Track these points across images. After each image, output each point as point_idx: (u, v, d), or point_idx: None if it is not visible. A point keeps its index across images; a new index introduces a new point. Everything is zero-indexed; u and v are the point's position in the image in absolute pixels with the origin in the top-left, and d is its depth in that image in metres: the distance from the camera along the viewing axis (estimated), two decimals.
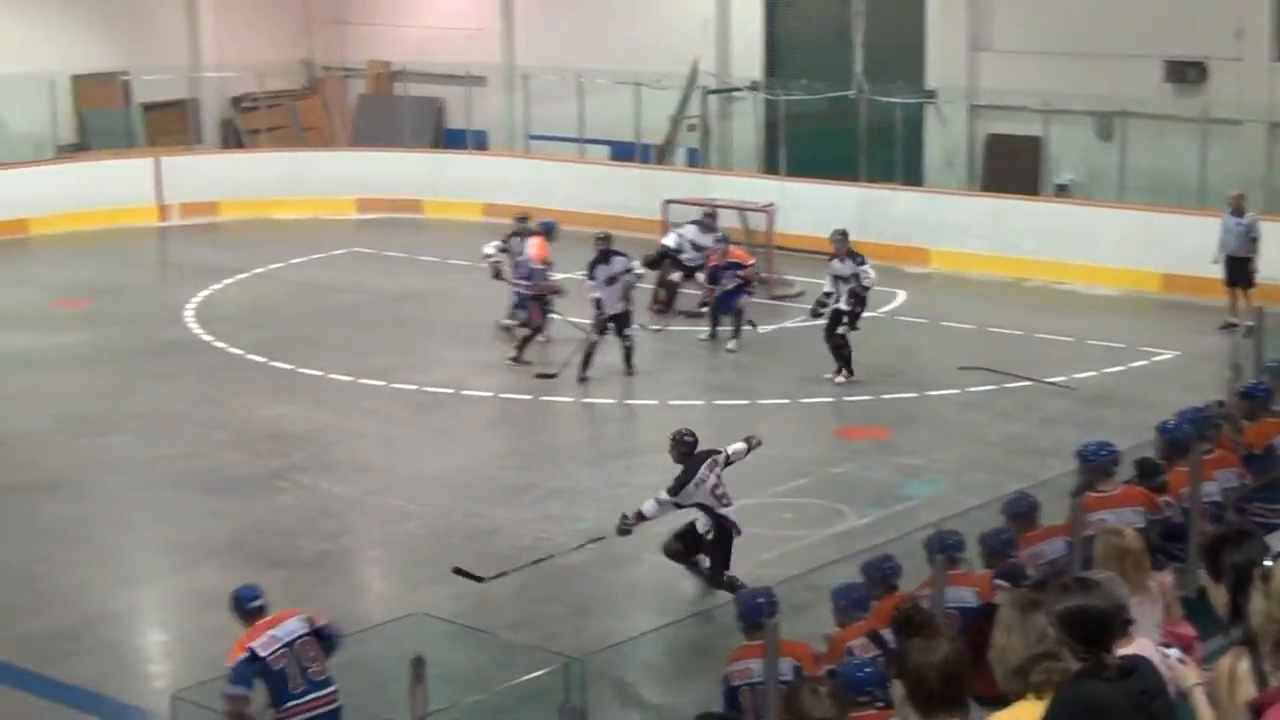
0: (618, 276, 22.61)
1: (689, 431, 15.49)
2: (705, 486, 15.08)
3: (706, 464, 15.18)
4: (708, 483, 15.10)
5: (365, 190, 34.97)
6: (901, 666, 5.95)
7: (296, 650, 11.49)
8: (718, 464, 15.23)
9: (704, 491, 15.09)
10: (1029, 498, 12.77)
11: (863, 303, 22.24)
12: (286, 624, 11.63)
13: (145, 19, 37.01)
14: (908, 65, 31.56)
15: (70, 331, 25.35)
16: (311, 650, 11.54)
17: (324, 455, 19.52)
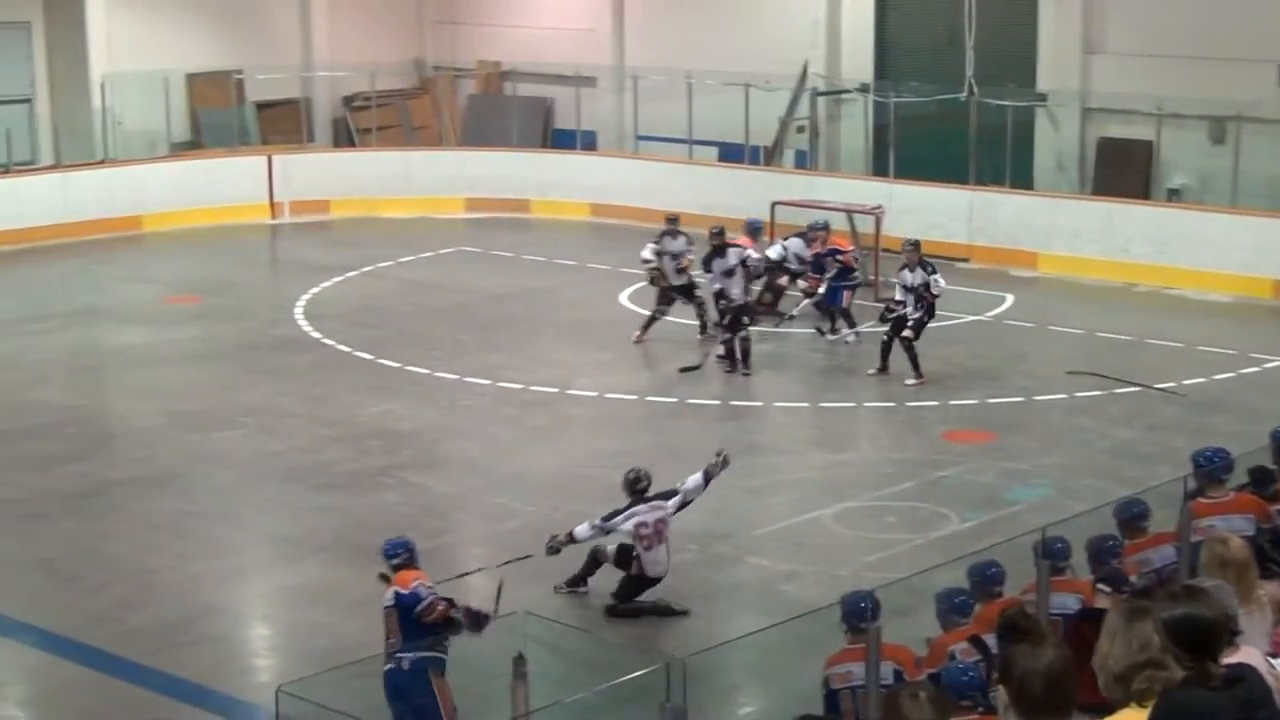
0: (734, 269, 22.79)
1: (640, 476, 15.29)
2: (632, 521, 14.96)
3: (649, 505, 15.08)
4: (636, 518, 14.97)
5: (474, 190, 35.10)
6: (1006, 672, 5.90)
7: (385, 616, 12.40)
8: (663, 509, 15.11)
9: (629, 526, 14.97)
10: (1140, 503, 12.65)
11: (931, 311, 22.19)
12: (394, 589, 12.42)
13: (259, 18, 37.36)
14: (1019, 68, 31.37)
15: (182, 327, 25.61)
16: (392, 621, 12.34)
17: (429, 453, 19.62)
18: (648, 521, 15.02)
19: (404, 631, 12.44)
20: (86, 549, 16.73)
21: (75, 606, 15.34)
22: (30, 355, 23.96)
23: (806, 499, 17.93)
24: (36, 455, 19.64)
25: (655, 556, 15.05)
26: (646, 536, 15.01)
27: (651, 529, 15.02)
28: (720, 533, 16.87)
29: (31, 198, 31.85)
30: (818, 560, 16.17)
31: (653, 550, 15.03)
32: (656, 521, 15.05)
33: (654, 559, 15.05)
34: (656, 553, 15.05)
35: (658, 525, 15.05)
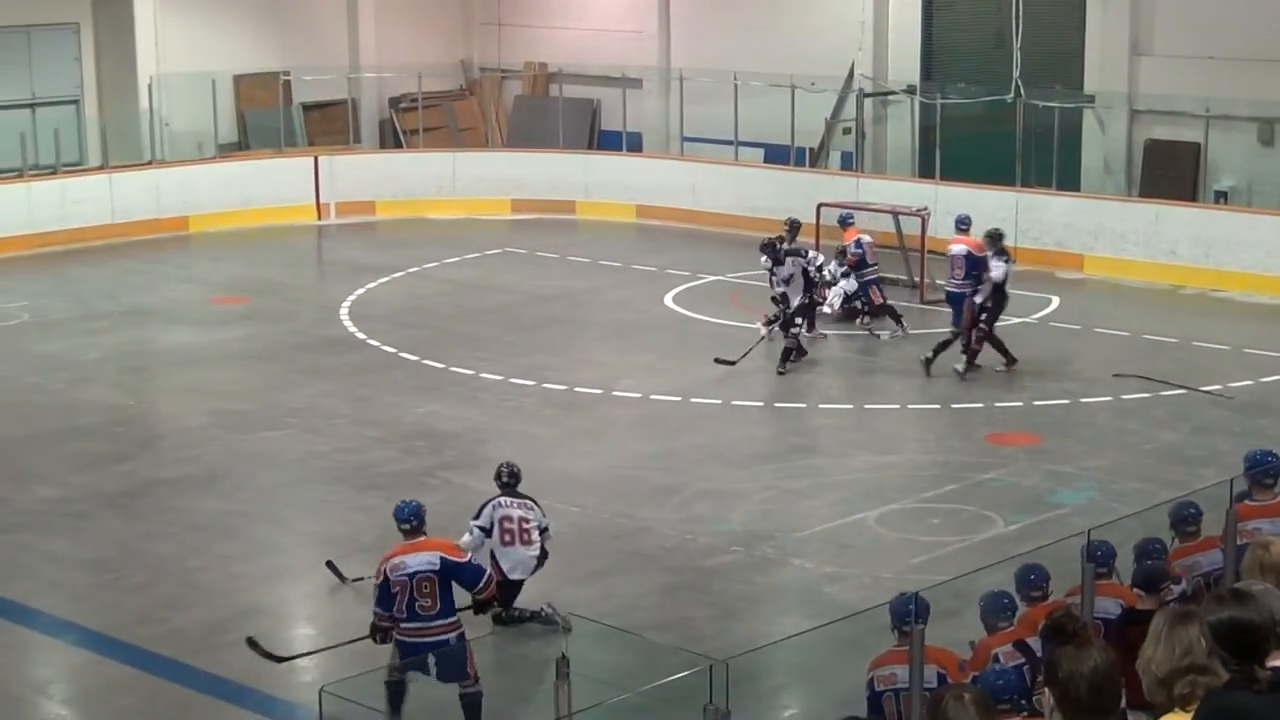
0: (792, 276, 23.04)
1: (502, 470, 15.01)
2: (499, 513, 14.69)
3: (519, 501, 14.79)
4: (502, 510, 14.70)
5: (520, 191, 35.15)
6: (1051, 675, 5.89)
7: (415, 583, 12.46)
8: (533, 511, 14.81)
9: (497, 517, 14.68)
10: (1193, 505, 12.55)
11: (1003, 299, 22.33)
12: (422, 555, 12.60)
13: (306, 20, 37.47)
14: (1066, 69, 31.28)
15: (228, 328, 25.71)
16: (427, 586, 12.48)
17: (473, 453, 19.64)
18: (512, 516, 14.70)
19: (444, 599, 12.66)
20: (131, 548, 16.81)
21: (120, 605, 15.40)
22: (78, 355, 24.09)
23: (850, 501, 17.90)
24: (84, 455, 19.74)
25: (515, 556, 14.68)
26: (509, 531, 14.66)
27: (515, 524, 14.68)
28: (764, 534, 16.86)
29: (80, 199, 32.00)
30: (861, 563, 16.13)
31: (512, 548, 14.67)
32: (521, 519, 14.71)
33: (511, 557, 14.66)
34: (514, 551, 14.67)
35: (522, 523, 14.70)
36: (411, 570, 12.53)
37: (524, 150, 36.50)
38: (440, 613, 12.59)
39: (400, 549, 12.72)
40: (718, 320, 25.66)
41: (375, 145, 37.87)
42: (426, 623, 12.57)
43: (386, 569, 12.60)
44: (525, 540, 14.71)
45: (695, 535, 16.88)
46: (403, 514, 12.94)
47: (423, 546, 12.71)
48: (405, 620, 12.58)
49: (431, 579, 12.53)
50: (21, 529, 17.40)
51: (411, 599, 12.51)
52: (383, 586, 12.60)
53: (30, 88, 34.25)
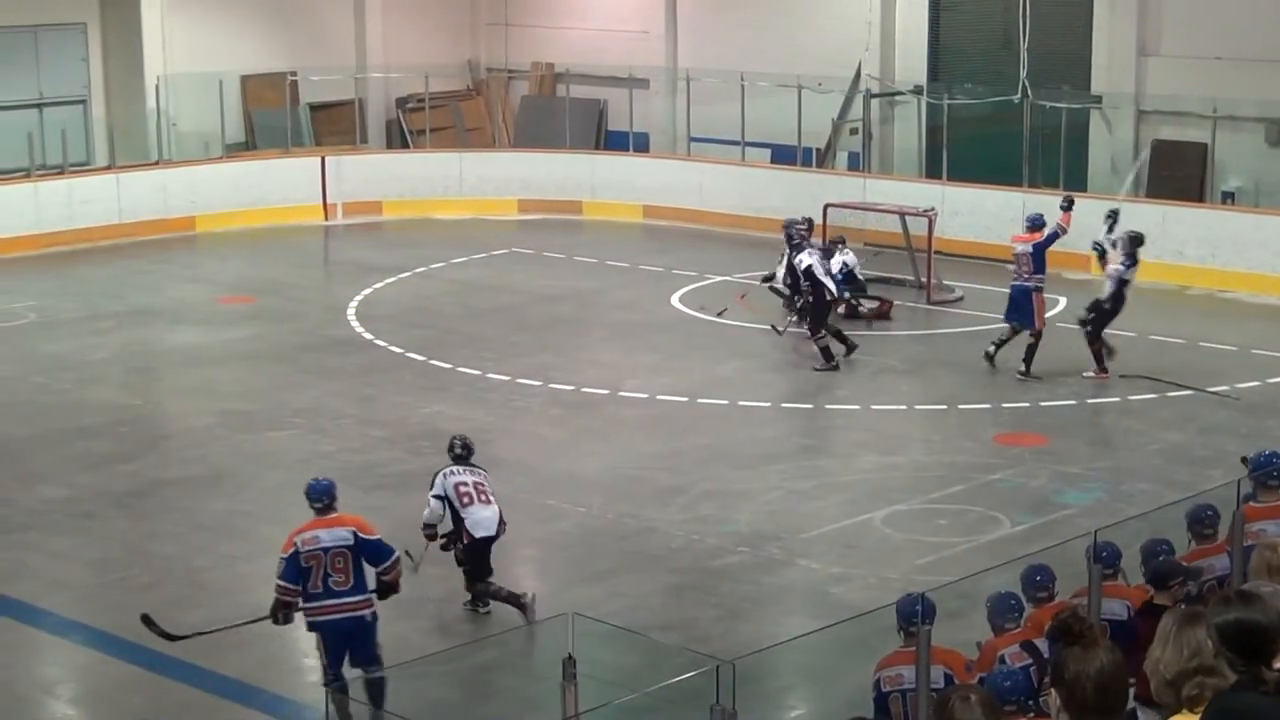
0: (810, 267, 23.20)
1: (453, 444, 15.23)
2: (452, 480, 14.86)
3: (468, 468, 14.98)
4: (454, 477, 14.88)
5: (526, 191, 35.15)
6: (1057, 675, 5.88)
7: (330, 557, 12.66)
8: (483, 473, 15.07)
9: (450, 484, 14.84)
10: (1210, 508, 12.49)
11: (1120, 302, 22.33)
12: (336, 530, 12.80)
13: (313, 20, 37.48)
14: (1074, 70, 31.26)
15: (234, 328, 25.72)
16: (341, 561, 12.68)
17: (479, 454, 19.51)
18: (466, 480, 14.87)
19: (357, 576, 12.86)
20: (138, 548, 16.83)
21: (126, 605, 15.38)
22: (85, 355, 24.10)
23: (857, 502, 17.90)
24: (90, 454, 19.76)
25: (475, 515, 14.79)
26: (465, 494, 14.81)
27: (470, 487, 14.84)
28: (770, 535, 16.86)
29: (87, 199, 32.02)
30: (868, 563, 16.13)
31: (472, 507, 14.79)
32: (475, 483, 14.90)
33: (474, 518, 14.79)
34: (476, 510, 14.80)
35: (477, 485, 14.88)
36: (326, 545, 12.73)
37: (531, 150, 36.50)
38: (354, 588, 12.77)
39: (313, 523, 12.90)
40: (725, 320, 25.64)
41: (382, 145, 37.87)
42: (340, 598, 12.73)
43: (298, 541, 12.75)
44: (484, 500, 14.89)
45: (702, 536, 16.88)
46: (315, 492, 13.09)
47: (336, 522, 12.92)
48: (320, 596, 12.71)
49: (345, 554, 12.74)
50: (28, 529, 17.42)
51: (325, 574, 12.70)
52: (291, 559, 12.74)
53: (38, 88, 34.27)
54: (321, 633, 12.88)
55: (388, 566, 13.01)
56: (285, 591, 12.87)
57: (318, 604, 12.77)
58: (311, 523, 12.92)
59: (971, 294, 26.95)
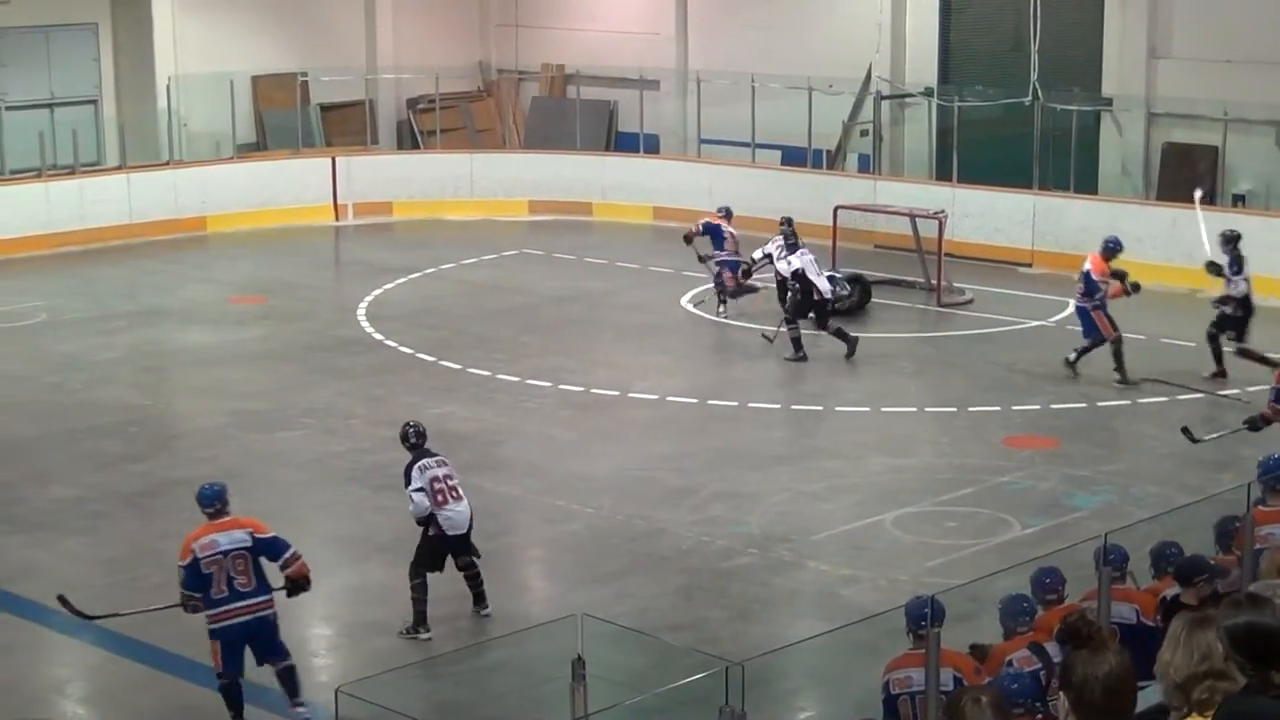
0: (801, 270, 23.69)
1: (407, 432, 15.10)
2: (427, 476, 14.71)
3: (437, 460, 14.84)
4: (429, 472, 14.73)
5: (537, 192, 35.16)
6: (1066, 678, 5.88)
7: (230, 560, 12.75)
8: (445, 464, 14.89)
9: (427, 479, 14.71)
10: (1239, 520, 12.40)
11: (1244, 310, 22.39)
12: (233, 533, 12.90)
13: (324, 21, 37.51)
14: (1085, 72, 31.24)
15: (245, 328, 25.74)
16: (241, 563, 12.79)
17: (489, 454, 19.64)
18: (439, 475, 14.76)
19: (259, 576, 13.00)
20: (148, 548, 16.81)
21: (136, 605, 15.39)
22: (96, 355, 24.13)
23: (867, 504, 17.90)
24: (101, 454, 19.78)
25: (450, 514, 14.71)
26: (440, 491, 14.71)
27: (444, 484, 14.74)
28: (780, 536, 16.86)
29: (98, 199, 32.06)
30: (877, 565, 16.13)
31: (445, 507, 14.70)
32: (445, 477, 14.78)
33: (450, 518, 14.72)
34: (451, 510, 14.72)
35: (447, 480, 14.77)
36: (224, 548, 12.82)
37: (541, 152, 36.52)
38: (258, 589, 12.90)
39: (207, 528, 12.97)
40: (735, 322, 25.65)
41: (393, 146, 37.91)
42: (247, 599, 12.84)
43: (195, 548, 12.80)
44: (455, 497, 14.78)
45: (711, 537, 16.88)
46: (208, 497, 13.19)
47: (231, 525, 13.02)
48: (227, 600, 12.79)
49: (245, 555, 12.85)
50: (38, 528, 17.44)
51: (229, 577, 12.79)
52: (191, 567, 12.80)
53: (49, 88, 34.31)
54: (224, 639, 12.91)
55: (287, 559, 13.12)
56: (190, 599, 12.91)
57: (225, 608, 12.84)
58: (205, 528, 12.99)
59: (981, 296, 26.94)
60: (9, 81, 33.86)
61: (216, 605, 12.82)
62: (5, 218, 30.94)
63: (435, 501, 14.70)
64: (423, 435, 15.07)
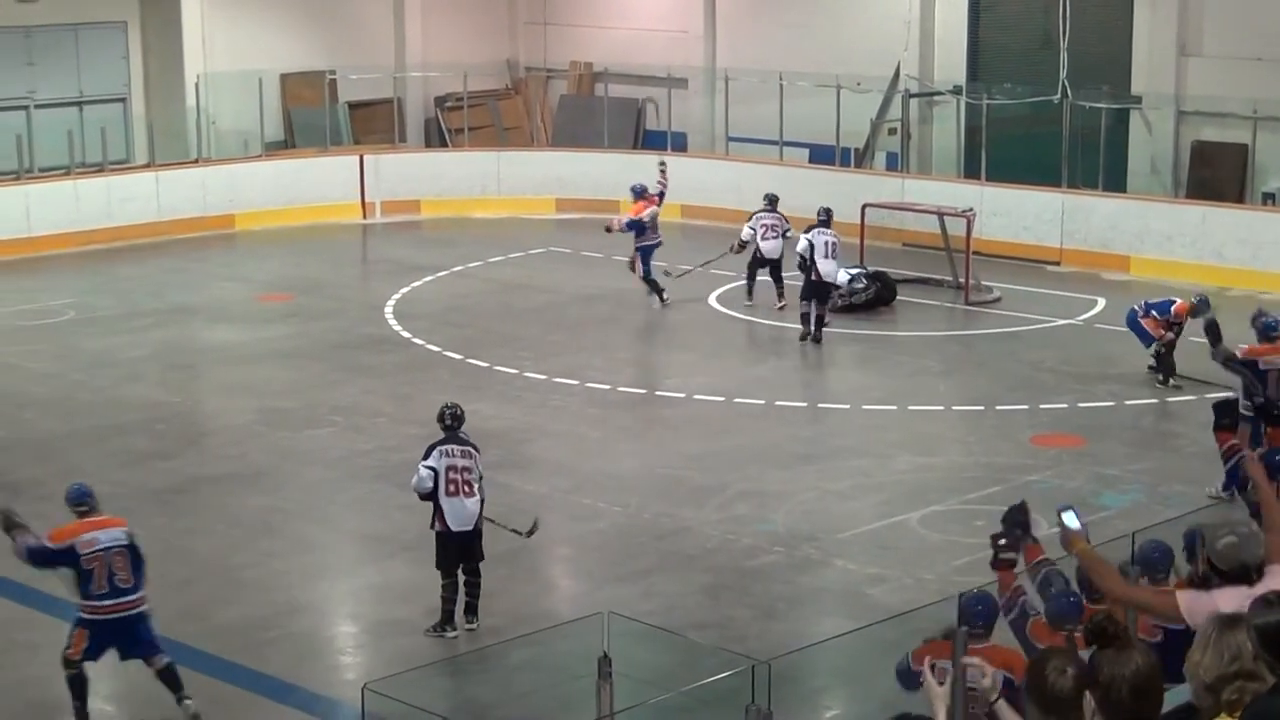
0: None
1: (444, 413, 15.04)
2: (445, 462, 14.64)
3: (463, 449, 14.74)
4: (448, 459, 14.65)
5: (564, 190, 35.17)
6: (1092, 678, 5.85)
7: (110, 557, 12.90)
8: (474, 459, 14.78)
9: (443, 466, 14.61)
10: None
11: None
12: (111, 531, 13.10)
13: (352, 19, 37.58)
14: (1114, 70, 31.15)
15: (273, 326, 25.77)
16: (121, 559, 12.96)
17: (516, 453, 19.64)
18: (458, 466, 14.66)
19: (136, 573, 13.16)
20: (175, 545, 16.85)
21: (163, 602, 15.37)
22: (124, 352, 24.18)
23: (893, 502, 17.86)
24: (129, 451, 19.82)
25: (456, 507, 14.63)
26: (453, 481, 14.63)
27: (459, 475, 14.65)
28: (806, 535, 16.84)
29: (126, 197, 32.15)
30: (904, 564, 16.10)
31: (456, 499, 14.63)
32: (464, 469, 14.68)
33: (455, 510, 14.64)
34: (460, 502, 14.64)
35: (465, 473, 14.67)
36: (104, 544, 12.97)
37: (569, 150, 36.51)
38: (135, 586, 13.06)
39: (83, 525, 13.09)
40: (762, 321, 25.64)
41: (420, 144, 37.94)
42: (125, 596, 13.00)
43: (77, 544, 12.92)
44: (467, 492, 14.68)
45: (737, 535, 16.86)
46: (78, 496, 13.35)
47: (108, 523, 13.22)
48: (107, 595, 12.92)
49: (124, 552, 13.01)
50: None
51: (110, 573, 12.93)
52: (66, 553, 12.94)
53: (78, 86, 34.44)
54: (94, 631, 13.01)
55: None
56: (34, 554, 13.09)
57: (104, 603, 12.96)
58: (81, 525, 13.11)
59: (1009, 295, 26.87)
60: (38, 80, 33.98)
61: (96, 599, 12.93)
62: (34, 215, 31.05)
63: (446, 491, 14.62)
64: (459, 419, 14.98)
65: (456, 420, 14.96)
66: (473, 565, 14.83)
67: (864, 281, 25.74)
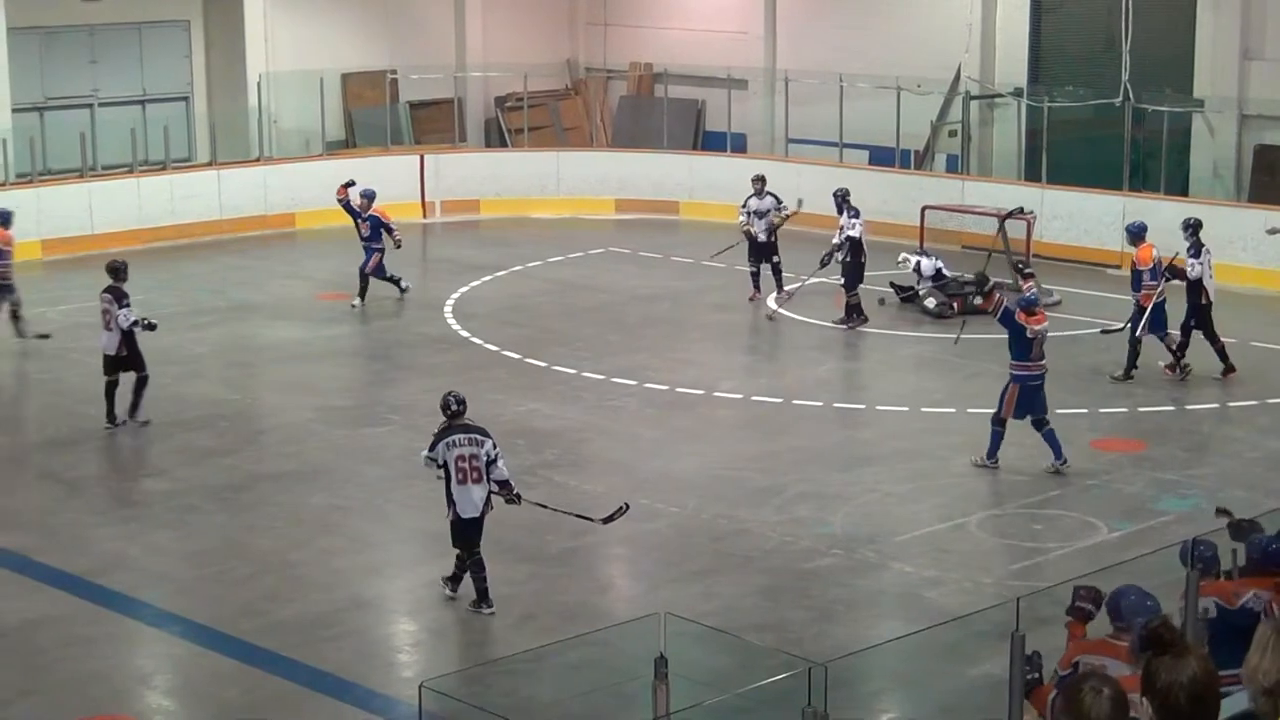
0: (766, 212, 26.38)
1: (449, 401, 15.32)
2: (454, 452, 14.95)
3: (468, 436, 15.02)
4: (458, 449, 14.97)
5: (623, 191, 35.20)
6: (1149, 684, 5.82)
7: None
8: (481, 446, 15.02)
9: (452, 457, 14.95)
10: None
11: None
12: None
13: (414, 19, 37.70)
14: (1176, 73, 30.99)
15: (332, 325, 25.88)
16: None
17: (574, 452, 19.68)
18: (465, 455, 14.97)
19: None
20: (235, 542, 16.97)
21: (223, 598, 15.55)
22: (186, 350, 24.31)
23: (952, 505, 17.82)
24: (190, 448, 19.94)
25: (467, 494, 14.97)
26: (462, 470, 14.95)
27: (468, 463, 14.96)
28: (864, 537, 16.82)
29: (188, 195, 32.35)
30: (962, 567, 16.06)
31: (464, 487, 14.96)
32: (472, 456, 14.98)
33: (466, 496, 14.98)
34: (469, 490, 14.97)
35: (473, 461, 14.98)
36: None
37: (628, 150, 36.55)
38: None
39: None
40: (820, 322, 25.60)
41: (480, 144, 38.03)
42: None
43: None
44: (475, 479, 15.01)
45: (795, 537, 16.85)
46: None
47: None
48: None
49: None
50: (127, 521, 17.61)
51: None
52: None
53: (141, 84, 34.69)
54: None
55: None
56: None
57: None
58: None
59: (1069, 298, 26.77)
60: (102, 78, 34.23)
61: None
62: (97, 213, 31.28)
63: (456, 479, 14.94)
64: (463, 404, 15.30)
65: (461, 405, 15.28)
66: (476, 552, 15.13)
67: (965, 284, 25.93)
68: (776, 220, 26.68)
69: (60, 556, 16.54)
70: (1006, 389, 18.90)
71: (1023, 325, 18.66)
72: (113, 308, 20.52)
